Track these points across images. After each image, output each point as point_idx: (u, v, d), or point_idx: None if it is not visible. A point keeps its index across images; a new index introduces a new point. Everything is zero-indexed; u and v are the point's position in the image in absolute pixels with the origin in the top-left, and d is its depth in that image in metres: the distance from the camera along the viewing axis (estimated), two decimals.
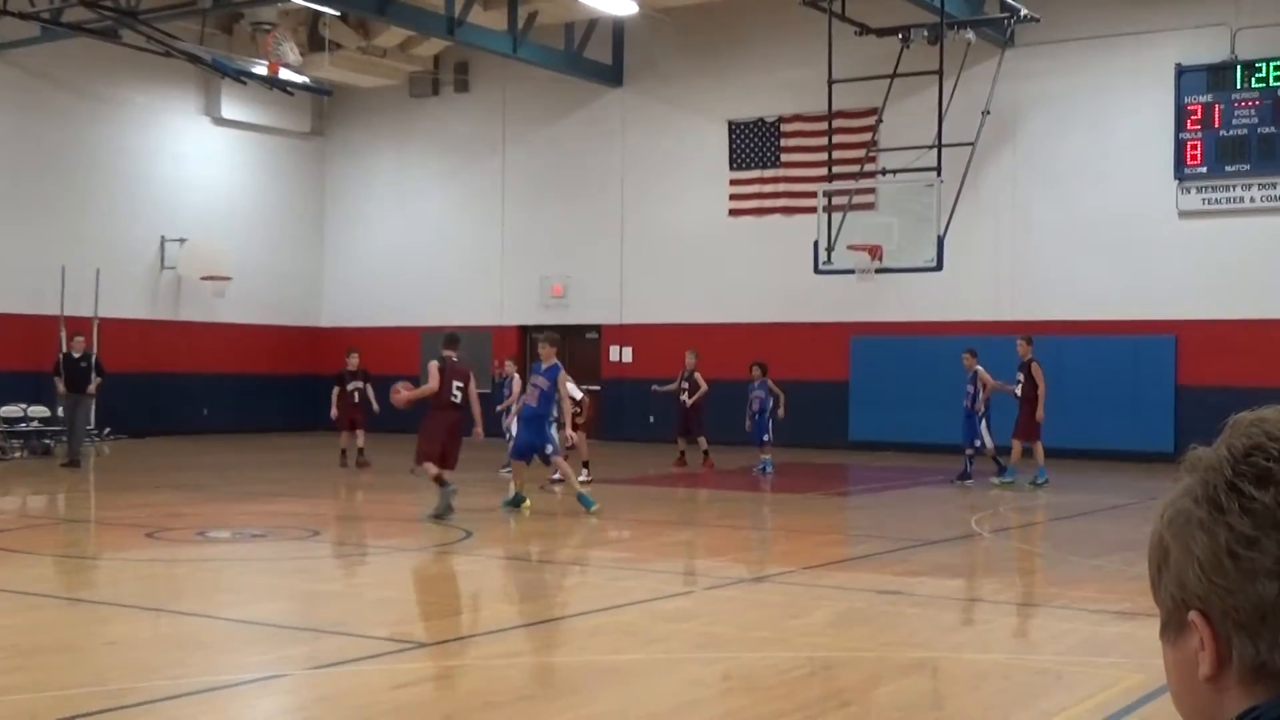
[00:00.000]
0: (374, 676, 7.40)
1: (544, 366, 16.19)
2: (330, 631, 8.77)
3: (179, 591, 10.76)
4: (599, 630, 9.09)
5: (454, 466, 15.07)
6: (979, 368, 19.88)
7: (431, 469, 14.90)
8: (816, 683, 7.55)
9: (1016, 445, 19.59)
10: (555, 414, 16.32)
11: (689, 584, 11.20)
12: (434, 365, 15.17)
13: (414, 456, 15.46)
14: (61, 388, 21.90)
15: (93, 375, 22.29)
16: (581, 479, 19.06)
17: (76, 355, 22.24)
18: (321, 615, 9.59)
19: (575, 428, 18.54)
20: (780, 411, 21.40)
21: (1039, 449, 19.44)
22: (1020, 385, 19.58)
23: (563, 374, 16.21)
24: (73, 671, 7.55)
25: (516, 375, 20.79)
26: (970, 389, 19.86)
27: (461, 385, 15.22)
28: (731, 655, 8.11)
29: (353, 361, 22.65)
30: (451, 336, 15.81)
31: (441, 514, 14.74)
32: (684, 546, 14.00)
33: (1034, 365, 19.57)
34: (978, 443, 19.83)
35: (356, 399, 22.27)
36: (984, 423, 19.89)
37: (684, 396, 22.33)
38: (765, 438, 21.30)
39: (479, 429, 15.70)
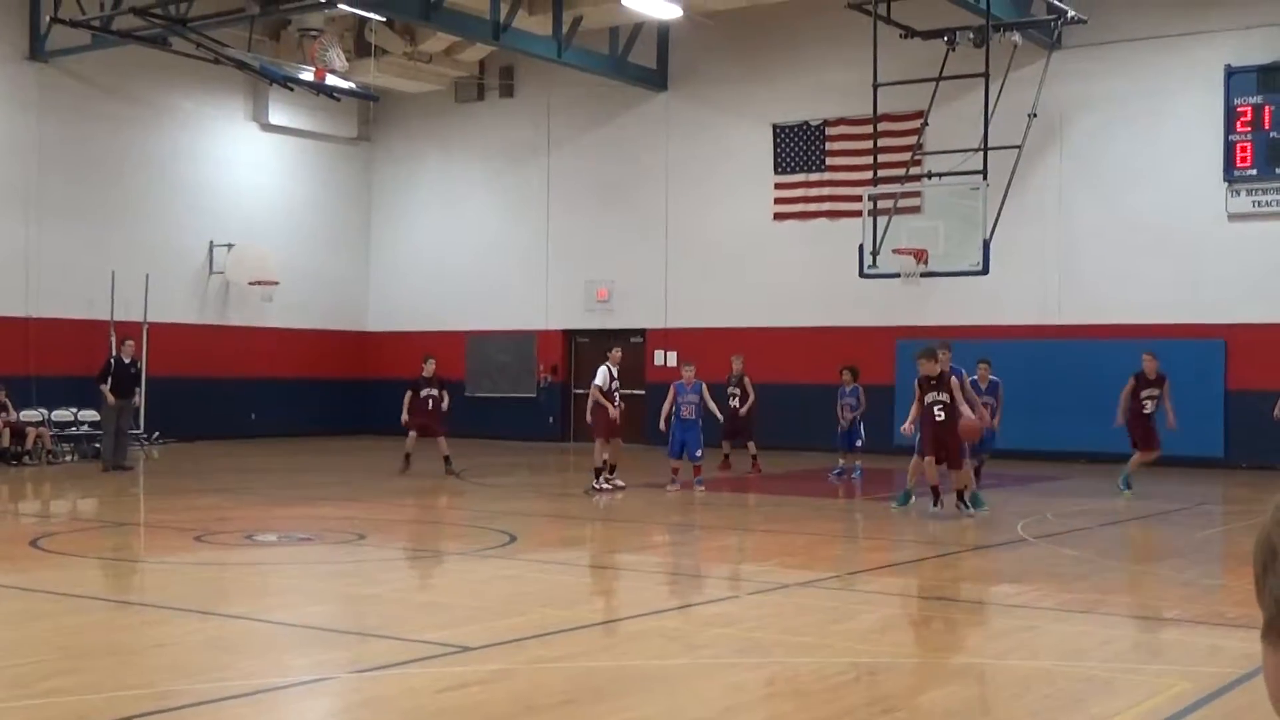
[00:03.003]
0: (419, 680, 7.43)
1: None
2: (376, 635, 8.81)
3: (226, 594, 10.84)
4: (642, 635, 9.08)
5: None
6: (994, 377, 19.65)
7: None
8: (861, 688, 7.52)
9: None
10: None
11: (733, 589, 11.19)
12: (955, 380, 15.95)
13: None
14: (109, 394, 21.97)
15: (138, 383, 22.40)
16: (617, 483, 18.98)
17: (127, 360, 22.36)
18: (367, 619, 9.64)
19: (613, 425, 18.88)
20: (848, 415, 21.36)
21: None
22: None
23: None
24: (121, 673, 7.62)
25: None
26: (993, 400, 19.52)
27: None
28: (775, 660, 8.09)
29: (429, 368, 22.16)
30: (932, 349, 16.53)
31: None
32: (728, 551, 13.98)
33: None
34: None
35: (430, 406, 21.89)
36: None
37: (734, 403, 22.14)
38: (858, 443, 21.30)
39: None
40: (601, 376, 19.42)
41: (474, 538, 14.39)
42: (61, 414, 24.77)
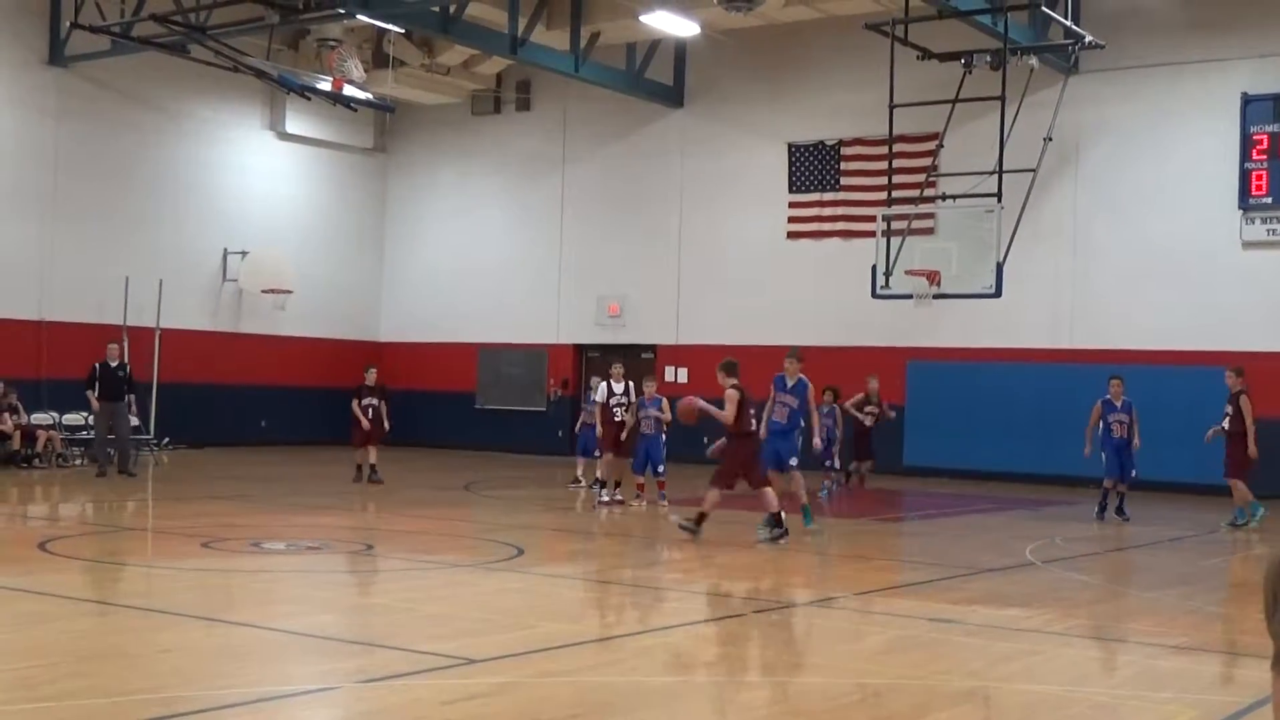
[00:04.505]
0: (424, 691, 7.42)
1: (790, 383, 16.17)
2: (381, 645, 8.81)
3: (233, 601, 10.84)
4: (648, 651, 9.07)
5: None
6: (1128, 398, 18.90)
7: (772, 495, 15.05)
8: (866, 709, 7.50)
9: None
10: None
11: (739, 607, 11.17)
12: (734, 393, 14.91)
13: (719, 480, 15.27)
14: (95, 400, 21.87)
15: (126, 387, 22.33)
16: (616, 497, 18.90)
17: (114, 364, 22.25)
18: (373, 629, 9.64)
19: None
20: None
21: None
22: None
23: (810, 390, 16.22)
24: (127, 678, 7.63)
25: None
26: (1126, 418, 18.82)
27: (754, 412, 15.41)
28: (780, 679, 8.07)
29: (370, 377, 22.38)
30: (734, 365, 15.42)
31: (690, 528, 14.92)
32: (736, 569, 13.95)
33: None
34: (1134, 474, 19.00)
35: (370, 415, 22.00)
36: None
37: (869, 421, 22.82)
38: (828, 462, 21.23)
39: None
40: (601, 393, 19.46)
41: (481, 550, 14.39)
42: (72, 418, 24.81)
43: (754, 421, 15.35)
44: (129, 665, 8.03)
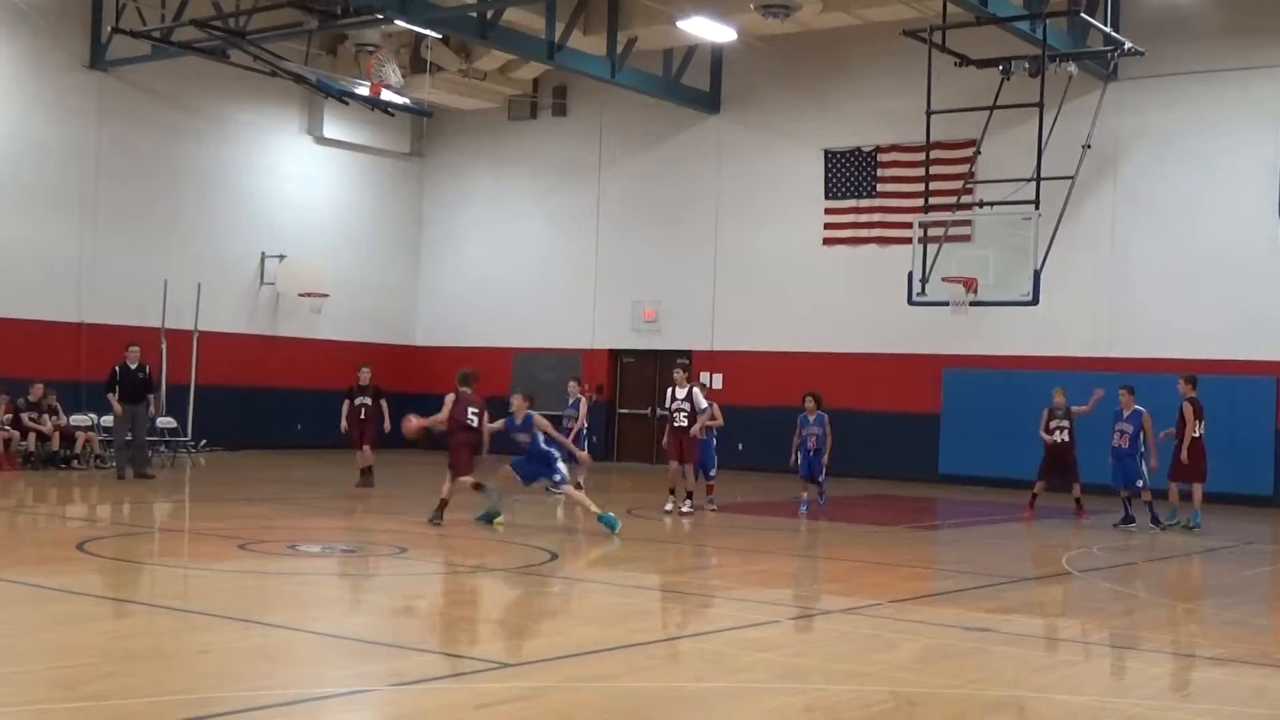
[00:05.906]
0: (457, 695, 7.44)
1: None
2: (415, 649, 8.83)
3: (268, 603, 10.89)
4: (682, 656, 9.06)
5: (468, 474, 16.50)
6: (1139, 407, 18.94)
7: (468, 480, 16.42)
8: (900, 718, 7.47)
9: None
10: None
11: (774, 613, 11.14)
12: (450, 396, 16.46)
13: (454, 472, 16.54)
14: (117, 403, 21.71)
15: (149, 389, 22.23)
16: (682, 508, 18.64)
17: (134, 366, 22.14)
18: (407, 632, 9.67)
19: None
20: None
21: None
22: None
23: (538, 419, 17.02)
24: (163, 679, 7.67)
25: (584, 398, 21.86)
26: (1129, 428, 18.91)
27: (476, 411, 16.72)
28: (815, 687, 8.05)
29: (364, 376, 22.26)
30: (467, 375, 16.94)
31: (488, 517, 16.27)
32: (770, 576, 13.93)
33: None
34: (1140, 483, 18.88)
35: (363, 415, 21.83)
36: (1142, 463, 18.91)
37: (1060, 436, 20.11)
38: (820, 476, 20.48)
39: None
40: (668, 399, 19.16)
41: (515, 554, 14.41)
42: (110, 420, 24.96)
43: (475, 419, 16.63)
44: (166, 666, 8.07)
